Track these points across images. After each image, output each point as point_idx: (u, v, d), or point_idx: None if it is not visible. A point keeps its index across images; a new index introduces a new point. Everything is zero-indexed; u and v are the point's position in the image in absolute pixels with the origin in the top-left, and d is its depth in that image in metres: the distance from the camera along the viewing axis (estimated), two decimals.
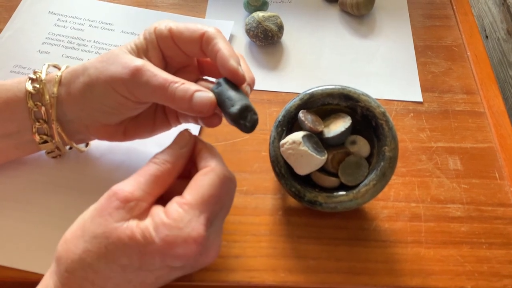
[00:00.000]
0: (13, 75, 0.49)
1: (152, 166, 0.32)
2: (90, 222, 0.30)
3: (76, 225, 0.31)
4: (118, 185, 0.31)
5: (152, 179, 0.31)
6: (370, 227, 0.41)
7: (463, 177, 0.44)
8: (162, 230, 0.29)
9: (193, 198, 0.31)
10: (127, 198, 0.30)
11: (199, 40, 0.35)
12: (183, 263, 0.30)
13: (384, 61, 0.53)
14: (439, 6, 0.59)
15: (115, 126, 0.38)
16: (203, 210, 0.30)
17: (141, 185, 0.31)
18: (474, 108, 0.49)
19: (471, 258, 0.39)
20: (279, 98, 0.49)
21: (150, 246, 0.29)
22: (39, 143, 0.38)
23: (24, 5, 0.55)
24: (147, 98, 0.35)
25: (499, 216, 0.42)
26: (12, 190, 0.41)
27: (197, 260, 0.31)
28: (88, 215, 0.31)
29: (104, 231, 0.29)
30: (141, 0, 0.58)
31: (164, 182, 0.32)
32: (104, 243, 0.29)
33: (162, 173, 0.32)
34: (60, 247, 0.30)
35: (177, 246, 0.29)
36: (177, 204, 0.30)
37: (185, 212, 0.30)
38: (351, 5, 0.55)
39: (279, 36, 0.52)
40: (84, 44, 0.52)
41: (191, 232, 0.29)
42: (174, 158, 0.33)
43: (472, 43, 0.55)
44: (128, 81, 0.33)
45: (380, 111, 0.38)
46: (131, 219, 0.30)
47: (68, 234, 0.31)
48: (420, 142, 0.46)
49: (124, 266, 0.29)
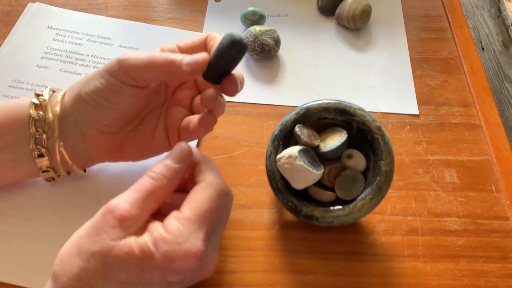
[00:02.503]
0: (11, 89, 0.49)
1: (148, 181, 0.32)
2: (86, 239, 0.30)
3: (71, 242, 0.31)
4: (113, 201, 0.31)
5: (148, 195, 0.32)
6: (367, 241, 0.41)
7: (459, 190, 0.44)
8: (162, 245, 0.29)
9: (192, 213, 0.31)
10: (123, 217, 0.30)
11: (205, 42, 0.38)
12: (182, 277, 0.30)
13: (380, 74, 0.54)
14: (435, 19, 0.59)
15: (111, 135, 0.38)
16: (201, 224, 0.31)
17: (137, 203, 0.31)
18: (470, 120, 0.49)
19: (468, 272, 0.39)
20: (276, 112, 0.50)
21: (149, 261, 0.29)
22: (36, 156, 0.37)
23: (23, 20, 0.56)
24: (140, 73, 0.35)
25: (495, 229, 0.42)
26: (10, 206, 0.41)
27: (195, 275, 0.31)
28: (84, 232, 0.31)
29: (101, 249, 0.29)
30: (139, 15, 0.58)
31: (160, 198, 0.32)
32: (101, 261, 0.29)
33: (158, 188, 0.32)
34: (56, 265, 0.30)
35: (177, 261, 0.29)
36: (176, 219, 0.31)
37: (184, 227, 0.30)
38: (347, 19, 0.56)
39: (276, 49, 0.53)
40: (83, 58, 0.53)
41: (191, 247, 0.30)
42: (171, 173, 0.33)
43: (468, 56, 0.55)
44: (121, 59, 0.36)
45: (375, 125, 0.39)
46: (127, 237, 0.30)
47: (63, 252, 0.31)
48: (417, 155, 0.46)
49: (122, 282, 0.29)
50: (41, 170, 0.39)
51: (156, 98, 0.40)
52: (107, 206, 0.31)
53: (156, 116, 0.40)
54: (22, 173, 0.39)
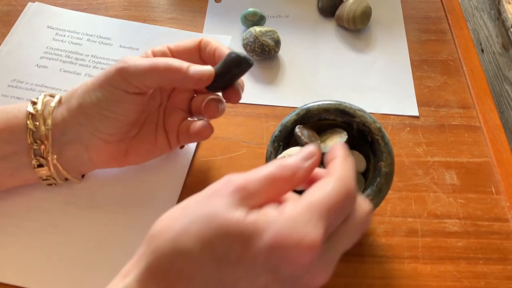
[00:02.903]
0: (11, 89, 0.49)
1: (270, 167, 0.29)
2: (194, 203, 0.28)
3: (177, 206, 0.28)
4: (232, 175, 0.28)
5: (268, 178, 0.28)
6: (367, 243, 0.40)
7: (459, 191, 0.44)
8: (275, 225, 0.26)
9: (312, 201, 0.27)
10: (239, 187, 0.27)
11: (198, 47, 0.37)
12: (290, 271, 0.26)
13: (380, 75, 0.54)
14: (435, 21, 0.59)
15: (116, 144, 0.38)
16: (322, 216, 0.26)
17: (256, 181, 0.28)
18: (470, 122, 0.49)
19: (468, 274, 0.39)
20: (276, 112, 0.50)
21: (257, 239, 0.25)
22: (35, 166, 0.37)
23: (23, 20, 0.55)
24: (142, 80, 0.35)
25: (495, 231, 0.42)
26: (8, 207, 0.41)
27: (302, 277, 0.27)
28: (195, 197, 0.28)
29: (208, 212, 0.26)
30: (139, 15, 0.58)
31: (279, 187, 0.29)
32: (205, 226, 0.26)
33: (280, 176, 0.28)
34: (155, 226, 0.28)
35: (288, 247, 0.25)
36: (293, 202, 0.27)
37: (301, 213, 0.26)
38: (348, 20, 0.56)
39: (276, 50, 0.53)
40: (82, 58, 0.52)
41: (307, 235, 0.25)
42: (295, 167, 0.29)
43: (468, 58, 0.55)
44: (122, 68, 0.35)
45: (375, 126, 0.38)
46: (240, 209, 0.26)
47: (165, 214, 0.28)
48: (417, 156, 0.46)
49: (220, 257, 0.26)
50: (41, 179, 0.39)
51: (152, 101, 0.40)
52: (224, 177, 0.28)
53: (155, 119, 0.40)
54: (21, 180, 0.39)
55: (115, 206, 0.41)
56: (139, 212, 0.41)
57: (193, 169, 0.44)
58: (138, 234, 0.39)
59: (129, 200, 0.42)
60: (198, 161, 0.45)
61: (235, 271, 0.26)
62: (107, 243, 0.39)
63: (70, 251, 0.38)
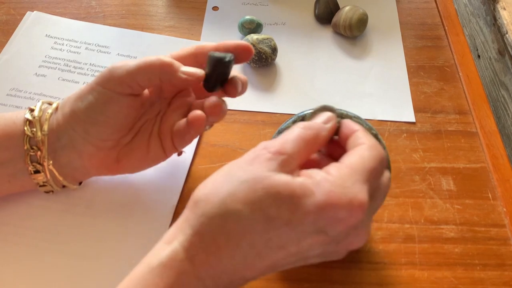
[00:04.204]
0: (9, 98, 0.49)
1: (297, 130, 0.30)
2: (237, 168, 0.28)
3: (218, 174, 0.29)
4: (265, 142, 0.29)
5: (299, 140, 0.29)
6: (364, 249, 0.41)
7: (456, 197, 0.44)
8: (325, 185, 0.26)
9: (356, 164, 0.28)
10: (279, 151, 0.28)
11: (194, 53, 0.38)
12: (339, 230, 0.27)
13: (377, 81, 0.54)
14: (431, 27, 0.60)
15: (108, 151, 0.38)
16: (366, 179, 0.28)
17: (289, 143, 0.29)
18: (466, 128, 0.50)
19: (466, 280, 0.39)
20: (273, 119, 0.50)
21: (308, 199, 0.26)
22: (32, 172, 0.37)
23: (21, 29, 0.56)
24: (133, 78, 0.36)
25: (492, 237, 0.42)
26: (7, 214, 0.41)
27: (351, 235, 0.28)
28: (234, 164, 0.28)
29: (255, 176, 0.27)
30: (137, 23, 0.58)
31: (310, 147, 0.30)
32: (253, 187, 0.26)
33: (309, 136, 0.30)
34: (199, 191, 0.28)
35: (340, 206, 0.26)
36: (338, 166, 0.28)
37: (348, 174, 0.27)
38: (344, 27, 0.56)
39: (273, 58, 0.53)
40: (81, 67, 0.53)
41: (357, 195, 0.26)
42: (319, 128, 0.31)
43: (464, 64, 0.56)
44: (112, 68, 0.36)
45: (372, 133, 0.39)
46: (282, 172, 0.27)
47: (208, 180, 0.29)
48: (413, 162, 0.47)
49: (269, 218, 0.26)
50: (38, 185, 0.39)
51: (150, 109, 0.40)
52: (259, 144, 0.29)
53: (150, 127, 0.40)
54: (19, 186, 0.39)
55: (113, 214, 0.41)
56: (137, 220, 0.41)
57: (190, 176, 0.44)
58: (136, 242, 0.39)
59: (127, 208, 0.42)
60: (196, 169, 0.45)
61: (283, 232, 0.27)
62: (104, 251, 0.39)
63: (67, 259, 0.38)
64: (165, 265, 0.27)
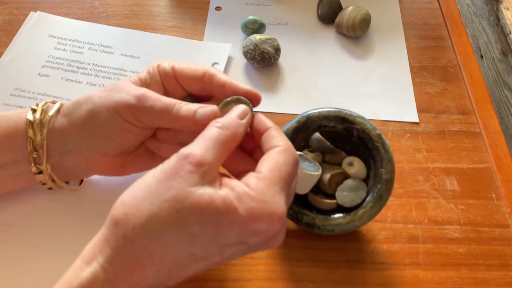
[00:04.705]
0: (13, 98, 0.49)
1: (216, 131, 0.30)
2: (157, 184, 0.27)
3: (137, 188, 0.28)
4: (186, 148, 0.29)
5: (218, 143, 0.29)
6: (368, 249, 0.41)
7: (460, 198, 0.44)
8: (247, 201, 0.27)
9: (273, 175, 0.29)
10: (200, 162, 0.28)
11: (201, 78, 0.36)
12: (260, 240, 0.28)
13: (380, 82, 0.54)
14: (434, 27, 0.60)
15: (114, 158, 0.38)
16: (282, 188, 0.29)
17: (210, 150, 0.29)
18: (470, 128, 0.50)
19: (470, 280, 0.39)
20: (275, 119, 0.49)
21: (231, 216, 0.27)
22: (35, 173, 0.37)
23: (25, 29, 0.56)
24: (152, 122, 0.35)
25: (496, 237, 0.42)
26: (9, 214, 0.41)
27: (269, 241, 0.29)
28: (154, 178, 0.28)
29: (176, 194, 0.27)
30: (140, 23, 0.58)
31: (228, 149, 0.30)
32: (176, 207, 0.26)
33: (227, 138, 0.30)
34: (117, 210, 0.28)
35: (261, 220, 0.27)
36: (257, 178, 0.29)
37: (267, 187, 0.28)
38: (347, 27, 0.56)
39: (276, 58, 0.53)
40: (84, 67, 0.53)
41: (277, 208, 0.28)
42: (236, 126, 0.31)
43: (467, 64, 0.55)
44: (134, 105, 0.34)
45: (375, 133, 0.39)
46: (205, 185, 0.27)
47: (127, 197, 0.28)
48: (417, 163, 0.46)
49: (194, 236, 0.27)
50: (41, 183, 0.39)
51: None
52: (179, 152, 0.28)
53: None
54: (22, 184, 0.39)
55: None
56: None
57: None
58: None
59: None
60: None
61: (207, 247, 0.27)
62: None
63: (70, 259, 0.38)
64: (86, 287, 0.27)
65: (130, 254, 0.27)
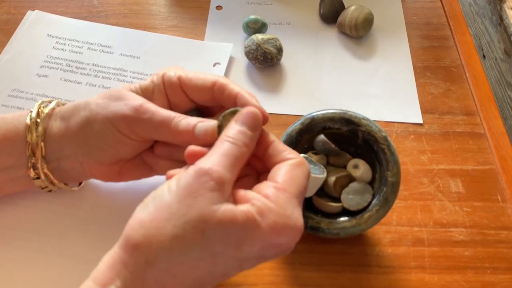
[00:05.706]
0: (11, 99, 0.48)
1: (233, 147, 0.29)
2: (177, 203, 0.26)
3: (154, 207, 0.27)
4: (205, 163, 0.28)
5: (235, 161, 0.29)
6: (373, 253, 0.40)
7: (465, 200, 0.44)
8: (270, 216, 0.27)
9: (291, 188, 0.29)
10: (222, 179, 0.27)
11: (211, 88, 0.35)
12: (278, 252, 0.28)
13: (383, 82, 0.53)
14: (437, 27, 0.59)
15: (110, 165, 0.37)
16: (300, 201, 0.29)
17: (228, 167, 0.28)
18: (474, 129, 0.49)
19: (476, 284, 0.39)
20: (279, 121, 0.49)
21: (254, 232, 0.26)
22: (33, 178, 0.37)
23: (22, 28, 0.55)
24: (149, 135, 0.34)
25: (502, 239, 0.41)
26: (9, 218, 0.40)
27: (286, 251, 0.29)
28: (172, 196, 0.27)
29: (200, 214, 0.26)
30: (139, 23, 0.58)
31: (242, 164, 0.30)
32: (201, 227, 0.26)
33: (242, 155, 0.29)
34: (136, 231, 0.26)
35: (284, 234, 0.27)
36: (276, 189, 0.28)
37: (288, 200, 0.28)
38: (349, 27, 0.55)
39: (279, 58, 0.52)
40: (83, 67, 0.52)
41: (297, 222, 0.28)
42: (250, 141, 0.30)
43: (471, 64, 0.55)
44: (130, 117, 0.33)
45: (381, 135, 0.38)
46: (225, 202, 0.27)
47: (145, 218, 0.27)
48: (422, 164, 0.46)
49: (216, 254, 0.26)
50: (40, 187, 0.38)
51: None
52: (199, 168, 0.27)
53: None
54: (22, 187, 0.39)
55: (116, 217, 0.40)
56: None
57: None
58: None
59: (130, 211, 0.40)
60: None
61: (228, 264, 0.27)
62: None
63: (70, 262, 0.38)
64: None
65: (151, 277, 0.26)
